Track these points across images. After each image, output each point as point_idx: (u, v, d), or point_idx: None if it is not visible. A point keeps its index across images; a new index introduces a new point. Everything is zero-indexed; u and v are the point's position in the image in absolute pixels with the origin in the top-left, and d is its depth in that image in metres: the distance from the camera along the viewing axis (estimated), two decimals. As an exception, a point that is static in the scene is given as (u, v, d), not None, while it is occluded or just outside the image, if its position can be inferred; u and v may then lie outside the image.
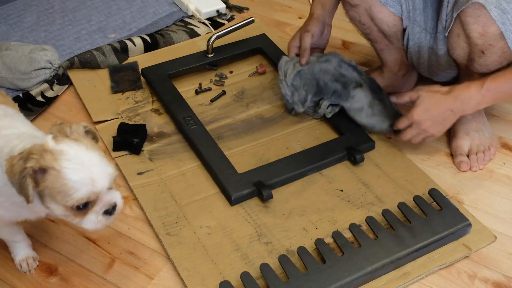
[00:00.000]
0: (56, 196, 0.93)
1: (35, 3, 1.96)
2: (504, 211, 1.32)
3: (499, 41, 1.22)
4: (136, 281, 1.18)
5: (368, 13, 1.43)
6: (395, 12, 1.42)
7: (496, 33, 1.21)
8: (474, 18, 1.21)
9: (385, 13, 1.42)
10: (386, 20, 1.44)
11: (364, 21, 1.47)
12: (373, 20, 1.45)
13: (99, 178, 0.94)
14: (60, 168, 0.91)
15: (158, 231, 1.25)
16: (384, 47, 1.51)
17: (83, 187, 0.92)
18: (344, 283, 1.12)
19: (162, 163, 1.41)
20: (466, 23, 1.23)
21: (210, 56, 1.68)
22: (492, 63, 1.27)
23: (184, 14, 1.94)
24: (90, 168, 0.93)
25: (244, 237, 1.24)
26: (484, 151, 1.42)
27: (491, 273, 1.20)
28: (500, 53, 1.25)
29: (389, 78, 1.58)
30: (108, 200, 0.97)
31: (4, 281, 1.17)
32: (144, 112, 1.55)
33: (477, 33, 1.23)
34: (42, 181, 0.92)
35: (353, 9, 1.46)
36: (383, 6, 1.41)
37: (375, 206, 1.30)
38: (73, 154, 0.93)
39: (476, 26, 1.22)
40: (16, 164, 0.91)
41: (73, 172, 0.91)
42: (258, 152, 1.44)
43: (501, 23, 1.19)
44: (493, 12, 1.18)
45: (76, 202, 0.93)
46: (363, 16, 1.45)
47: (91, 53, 1.70)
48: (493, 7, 1.18)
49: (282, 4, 2.04)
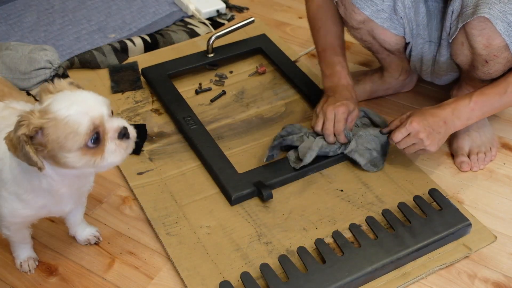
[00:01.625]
0: (65, 144, 0.91)
1: (35, 3, 1.96)
2: (504, 211, 1.32)
3: (504, 52, 1.21)
4: (136, 281, 1.18)
5: (371, 34, 1.42)
6: (398, 33, 1.40)
7: (501, 45, 1.20)
8: (479, 30, 1.20)
9: (387, 34, 1.41)
10: (388, 41, 1.43)
11: (366, 39, 1.45)
12: (376, 39, 1.43)
13: (95, 105, 0.94)
14: (54, 115, 0.90)
15: (158, 231, 1.25)
16: (385, 56, 1.51)
17: (83, 116, 0.91)
18: (344, 283, 1.12)
19: (162, 163, 1.41)
20: (471, 34, 1.22)
21: (210, 56, 1.68)
22: (495, 72, 1.27)
23: (184, 14, 1.94)
24: (82, 101, 0.93)
25: (244, 237, 1.24)
26: (486, 152, 1.42)
27: (491, 273, 1.20)
28: (504, 63, 1.24)
29: (389, 82, 1.58)
30: (116, 125, 0.96)
31: (4, 281, 1.17)
32: (144, 112, 1.55)
33: (481, 45, 1.22)
34: (45, 140, 0.91)
35: (355, 31, 1.44)
36: (385, 29, 1.39)
37: (375, 206, 1.30)
38: (61, 98, 0.93)
39: (481, 38, 1.21)
40: (12, 137, 0.91)
41: (67, 109, 0.91)
42: (258, 152, 1.44)
43: (507, 36, 1.18)
44: (499, 26, 1.17)
45: (85, 135, 0.91)
46: (365, 36, 1.44)
47: (91, 53, 1.70)
48: (499, 21, 1.16)
49: (282, 4, 2.04)
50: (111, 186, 1.37)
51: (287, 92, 1.63)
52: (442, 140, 1.30)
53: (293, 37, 1.86)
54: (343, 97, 1.38)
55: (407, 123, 1.28)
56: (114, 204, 1.33)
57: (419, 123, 1.27)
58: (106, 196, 1.35)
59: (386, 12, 1.35)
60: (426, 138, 1.27)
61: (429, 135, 1.27)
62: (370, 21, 1.37)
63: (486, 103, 1.27)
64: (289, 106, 1.59)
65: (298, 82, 1.62)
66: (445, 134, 1.30)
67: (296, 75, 1.64)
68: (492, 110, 1.30)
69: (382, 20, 1.37)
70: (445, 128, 1.29)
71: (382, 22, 1.37)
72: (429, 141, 1.28)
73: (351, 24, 1.41)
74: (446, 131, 1.29)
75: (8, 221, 1.07)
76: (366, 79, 1.59)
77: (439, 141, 1.29)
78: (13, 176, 1.00)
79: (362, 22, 1.39)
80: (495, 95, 1.27)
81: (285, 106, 1.59)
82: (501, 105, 1.29)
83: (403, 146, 1.31)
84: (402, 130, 1.29)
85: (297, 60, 1.73)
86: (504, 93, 1.26)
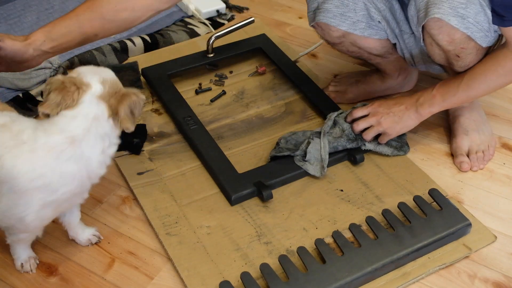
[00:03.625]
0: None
1: (35, 3, 1.96)
2: (504, 211, 1.32)
3: (469, 42, 1.23)
4: (136, 281, 1.18)
5: (354, 44, 1.43)
6: (381, 37, 1.41)
7: (463, 38, 1.21)
8: (437, 29, 1.22)
9: (370, 42, 1.42)
10: (374, 46, 1.43)
11: (352, 50, 1.46)
12: (361, 48, 1.44)
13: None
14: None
15: (158, 231, 1.25)
16: (379, 61, 1.51)
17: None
18: (344, 283, 1.12)
19: (162, 163, 1.41)
20: (432, 34, 1.24)
21: (210, 56, 1.68)
22: (470, 63, 1.29)
23: (184, 14, 1.94)
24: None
25: (244, 237, 1.24)
26: (484, 151, 1.42)
27: (491, 273, 1.20)
28: (475, 52, 1.26)
29: (389, 82, 1.58)
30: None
31: (4, 281, 1.17)
32: (144, 112, 1.55)
33: (445, 42, 1.23)
34: None
35: (339, 46, 1.46)
36: (367, 38, 1.40)
37: (375, 206, 1.30)
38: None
39: (442, 36, 1.22)
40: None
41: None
42: (258, 152, 1.44)
43: (465, 28, 1.19)
44: (453, 22, 1.18)
45: None
46: (350, 47, 1.45)
47: (91, 53, 1.70)
48: (451, 17, 1.18)
49: (282, 4, 2.04)
50: (111, 186, 1.37)
51: (287, 92, 1.63)
52: (402, 125, 1.36)
53: (293, 37, 1.87)
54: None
55: (369, 104, 1.39)
56: (114, 204, 1.33)
57: (380, 105, 1.38)
58: (106, 196, 1.35)
59: (362, 22, 1.37)
60: (383, 119, 1.35)
61: (386, 116, 1.35)
62: (349, 34, 1.39)
63: (446, 90, 1.31)
64: (289, 106, 1.59)
65: (298, 82, 1.62)
66: (406, 120, 1.35)
67: (296, 75, 1.64)
68: (454, 100, 1.32)
69: (361, 30, 1.38)
70: (406, 113, 1.35)
71: (362, 31, 1.38)
72: (386, 123, 1.35)
73: (332, 41, 1.44)
74: (407, 118, 1.35)
75: (34, 225, 1.08)
76: (366, 80, 1.59)
77: (397, 125, 1.36)
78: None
79: (342, 36, 1.41)
80: (454, 83, 1.31)
81: (285, 106, 1.59)
82: (460, 94, 1.30)
83: (361, 127, 1.37)
84: (363, 108, 1.39)
85: (297, 60, 1.73)
86: (461, 82, 1.29)
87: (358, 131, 1.38)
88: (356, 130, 1.38)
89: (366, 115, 1.39)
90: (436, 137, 1.50)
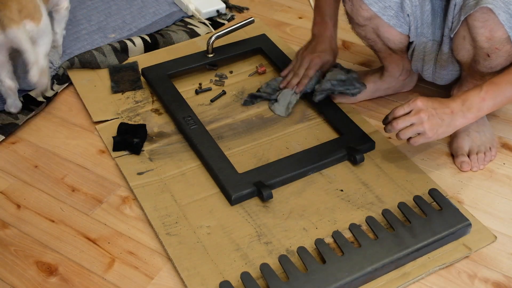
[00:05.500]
0: None
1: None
2: (504, 211, 1.32)
3: (506, 44, 1.22)
4: (136, 281, 1.18)
5: (375, 31, 1.42)
6: (403, 32, 1.41)
7: (503, 37, 1.20)
8: (481, 22, 1.20)
9: (392, 32, 1.41)
10: (393, 39, 1.43)
11: (370, 37, 1.46)
12: (380, 37, 1.44)
13: None
14: None
15: (158, 231, 1.25)
16: (387, 56, 1.51)
17: None
18: (344, 283, 1.12)
19: (162, 163, 1.41)
20: (473, 26, 1.22)
21: (210, 56, 1.68)
22: (497, 66, 1.27)
23: (184, 14, 1.94)
24: None
25: (244, 237, 1.24)
26: (485, 152, 1.42)
27: (491, 273, 1.20)
28: (505, 56, 1.25)
29: (390, 81, 1.58)
30: None
31: (4, 281, 1.17)
32: (144, 112, 1.55)
33: (484, 37, 1.22)
34: None
35: (360, 28, 1.44)
36: (390, 27, 1.39)
37: (375, 206, 1.30)
38: None
39: (484, 30, 1.21)
40: None
41: None
42: (258, 152, 1.44)
43: (509, 27, 1.19)
44: (502, 17, 1.17)
45: None
46: (370, 34, 1.44)
47: (91, 53, 1.70)
48: (502, 11, 1.17)
49: (282, 4, 2.04)
50: (111, 186, 1.37)
51: (287, 92, 1.63)
52: (444, 130, 1.24)
53: (293, 37, 1.87)
54: (322, 47, 1.53)
55: (411, 100, 1.24)
56: (114, 204, 1.33)
57: (424, 102, 1.23)
58: (106, 196, 1.35)
59: (393, 9, 1.36)
60: (427, 119, 1.22)
61: (430, 116, 1.22)
62: (377, 18, 1.38)
63: (497, 92, 1.22)
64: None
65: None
66: (449, 125, 1.24)
67: (296, 75, 1.64)
68: (504, 100, 1.24)
69: (389, 17, 1.37)
70: (451, 117, 1.23)
71: (389, 19, 1.37)
72: (429, 124, 1.22)
73: (357, 21, 1.42)
74: (451, 122, 1.23)
75: None
76: (366, 79, 1.59)
77: (440, 129, 1.23)
78: None
79: (368, 19, 1.39)
80: (507, 83, 1.23)
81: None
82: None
83: (401, 125, 1.24)
84: (405, 106, 1.25)
85: (297, 60, 1.73)
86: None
87: (398, 129, 1.26)
88: (395, 128, 1.26)
89: (407, 112, 1.26)
90: (436, 137, 1.50)
